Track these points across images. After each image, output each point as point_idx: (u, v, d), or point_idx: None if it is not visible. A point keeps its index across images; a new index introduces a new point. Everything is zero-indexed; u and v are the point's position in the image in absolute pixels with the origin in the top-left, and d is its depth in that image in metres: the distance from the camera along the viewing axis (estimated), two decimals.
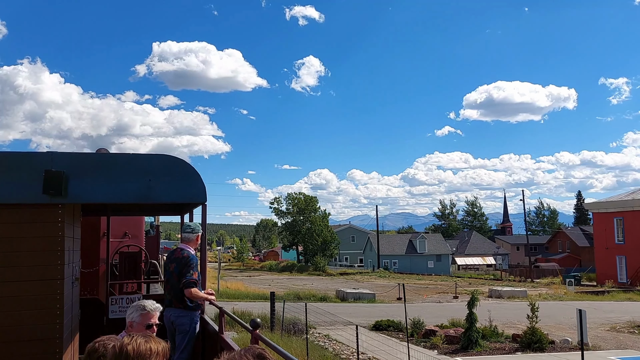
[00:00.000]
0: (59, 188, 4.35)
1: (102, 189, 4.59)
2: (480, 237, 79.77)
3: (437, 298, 29.05)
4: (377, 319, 17.63)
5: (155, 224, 13.96)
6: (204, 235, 5.10)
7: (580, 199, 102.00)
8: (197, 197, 4.86)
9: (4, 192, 4.33)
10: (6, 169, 4.37)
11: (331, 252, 68.63)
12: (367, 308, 22.33)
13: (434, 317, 18.03)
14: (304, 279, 46.86)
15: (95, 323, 6.31)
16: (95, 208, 6.49)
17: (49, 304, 4.41)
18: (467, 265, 69.93)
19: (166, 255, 5.47)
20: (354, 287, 30.94)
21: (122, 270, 8.87)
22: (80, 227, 5.71)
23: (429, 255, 65.74)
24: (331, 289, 32.39)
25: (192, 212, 6.05)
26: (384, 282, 43.05)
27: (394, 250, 65.90)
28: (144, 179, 4.65)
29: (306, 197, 73.25)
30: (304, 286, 36.53)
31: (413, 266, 63.67)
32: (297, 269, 64.04)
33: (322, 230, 69.06)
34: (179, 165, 4.81)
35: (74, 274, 5.13)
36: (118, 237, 9.70)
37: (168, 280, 4.88)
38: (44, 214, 4.44)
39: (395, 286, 29.86)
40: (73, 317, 5.11)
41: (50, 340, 4.38)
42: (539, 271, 51.24)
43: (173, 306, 4.77)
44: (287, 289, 31.57)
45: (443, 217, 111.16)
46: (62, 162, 4.44)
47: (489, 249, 73.40)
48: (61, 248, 4.49)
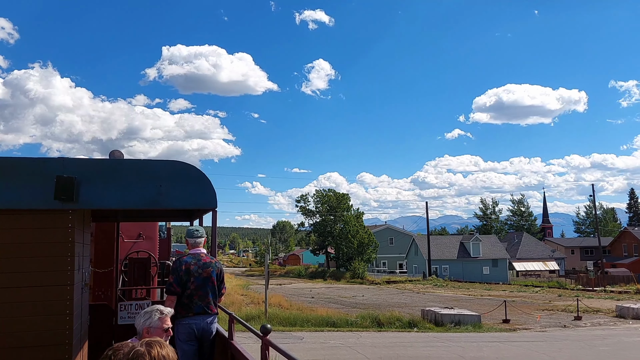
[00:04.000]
0: (70, 194, 4.72)
1: (112, 195, 4.92)
2: (532, 239, 76.89)
3: (553, 319, 24.31)
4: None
5: (166, 227, 14.77)
6: (214, 241, 5.57)
7: (633, 197, 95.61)
8: (207, 203, 5.12)
9: (16, 197, 4.70)
10: (18, 174, 4.75)
11: (368, 256, 64.42)
12: (498, 344, 17.01)
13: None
14: (347, 289, 43.14)
15: (104, 329, 6.67)
16: (106, 214, 6.83)
17: (59, 309, 4.77)
18: (526, 271, 64.80)
19: (184, 261, 5.18)
20: (445, 306, 25.65)
21: (132, 277, 9.18)
22: (90, 233, 6.09)
23: (484, 259, 61.58)
24: (400, 305, 28.38)
25: (202, 218, 6.40)
26: (448, 293, 38.70)
27: (443, 254, 61.73)
28: (155, 185, 4.98)
29: (337, 194, 69.54)
30: (354, 298, 32.63)
31: (466, 272, 59.60)
32: (331, 276, 60.63)
33: (358, 231, 64.90)
34: (189, 171, 5.12)
35: (83, 280, 5.44)
36: (132, 238, 10.20)
37: (201, 287, 5.07)
38: (54, 219, 4.81)
39: (472, 300, 25.63)
40: (82, 323, 5.48)
41: (59, 346, 4.73)
42: (608, 277, 49.19)
43: (209, 312, 5.03)
44: (342, 305, 27.72)
45: (484, 217, 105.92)
46: (74, 168, 4.83)
47: (543, 252, 70.42)
48: (71, 254, 4.83)
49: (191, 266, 5.14)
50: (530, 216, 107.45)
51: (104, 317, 6.93)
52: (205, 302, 5.07)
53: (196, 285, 5.08)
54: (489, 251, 64.67)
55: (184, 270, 5.15)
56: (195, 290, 5.08)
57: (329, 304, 29.56)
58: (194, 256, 5.24)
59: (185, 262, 5.17)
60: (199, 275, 5.10)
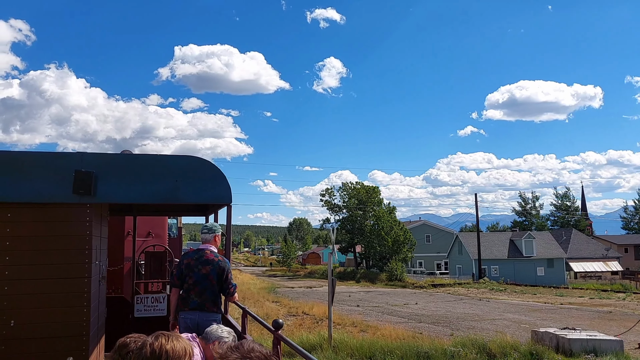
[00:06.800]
0: (88, 188, 5.04)
1: (129, 189, 5.26)
2: (582, 236, 73.98)
3: None
4: None
5: (177, 226, 15.02)
6: (228, 237, 5.77)
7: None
8: (222, 198, 5.49)
9: (36, 191, 5.04)
10: (38, 169, 5.08)
11: (404, 255, 60.00)
12: None
13: None
14: (390, 293, 39.05)
15: (121, 321, 6.97)
16: (122, 208, 7.16)
17: (77, 301, 5.07)
18: (585, 272, 59.26)
19: (187, 255, 5.58)
20: (564, 326, 19.65)
21: (148, 270, 9.47)
22: (107, 226, 6.46)
23: (538, 259, 56.63)
24: (472, 317, 24.18)
25: (217, 213, 6.68)
26: (514, 300, 33.87)
27: (492, 252, 57.17)
28: (171, 180, 5.31)
29: (366, 187, 65.94)
30: (407, 307, 28.24)
31: (517, 273, 55.28)
32: (363, 277, 56.77)
33: (392, 228, 60.42)
34: (205, 166, 5.45)
35: (100, 273, 5.83)
36: (142, 236, 10.55)
37: (198, 283, 5.38)
38: (72, 213, 5.14)
39: (555, 310, 20.74)
40: (99, 315, 5.89)
41: (77, 338, 5.03)
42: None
43: (205, 309, 5.32)
44: (401, 317, 23.59)
45: (524, 213, 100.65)
46: (92, 163, 5.16)
47: (595, 250, 67.10)
48: (89, 247, 5.15)
49: (192, 261, 5.40)
50: (577, 211, 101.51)
51: (120, 310, 7.23)
52: (202, 299, 5.33)
53: (194, 281, 5.37)
54: (543, 250, 59.92)
55: (185, 264, 5.45)
56: (192, 286, 5.35)
57: (383, 316, 25.36)
58: (198, 252, 5.52)
59: (188, 257, 5.51)
60: (197, 272, 5.38)
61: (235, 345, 2.02)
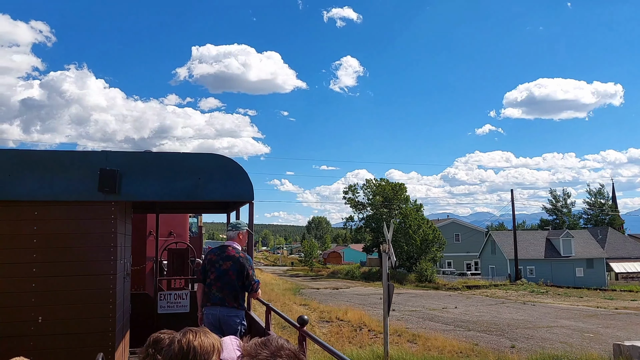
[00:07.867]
0: (113, 186, 5.19)
1: (153, 187, 5.44)
2: (618, 234, 71.49)
3: None
4: None
5: (197, 225, 15.38)
6: (250, 234, 5.77)
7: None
8: (244, 195, 5.66)
9: (62, 189, 5.22)
10: (64, 167, 5.25)
11: (433, 254, 58.20)
12: None
13: None
14: (423, 296, 37.50)
15: (145, 318, 7.17)
16: (145, 205, 7.36)
17: (102, 298, 5.25)
18: (627, 273, 56.46)
19: (211, 251, 5.71)
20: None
21: (170, 267, 9.73)
22: (131, 223, 6.65)
23: (577, 259, 54.17)
24: (523, 324, 24.05)
25: (239, 210, 6.91)
26: (562, 303, 31.91)
27: (527, 252, 54.83)
28: (194, 178, 5.48)
29: (392, 183, 64.36)
30: (446, 311, 26.58)
31: (555, 274, 53.31)
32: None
33: (420, 226, 58.62)
34: (227, 164, 5.61)
35: (125, 270, 6.03)
36: (164, 236, 10.85)
37: (219, 278, 5.53)
38: (98, 210, 5.31)
39: (613, 315, 18.97)
40: (124, 312, 6.06)
41: (103, 334, 5.21)
42: None
43: (226, 305, 5.45)
44: (445, 324, 22.39)
45: (555, 211, 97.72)
46: (116, 161, 5.32)
47: (634, 250, 64.42)
48: (114, 244, 5.30)
49: (214, 257, 5.55)
50: (612, 209, 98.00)
51: (144, 306, 7.42)
52: (223, 294, 5.46)
53: (215, 276, 5.51)
54: (581, 249, 57.44)
55: (208, 260, 5.58)
56: (214, 281, 5.48)
57: (425, 322, 23.87)
58: (221, 248, 5.68)
59: (211, 253, 5.68)
60: (219, 267, 5.51)
61: (262, 341, 1.97)
